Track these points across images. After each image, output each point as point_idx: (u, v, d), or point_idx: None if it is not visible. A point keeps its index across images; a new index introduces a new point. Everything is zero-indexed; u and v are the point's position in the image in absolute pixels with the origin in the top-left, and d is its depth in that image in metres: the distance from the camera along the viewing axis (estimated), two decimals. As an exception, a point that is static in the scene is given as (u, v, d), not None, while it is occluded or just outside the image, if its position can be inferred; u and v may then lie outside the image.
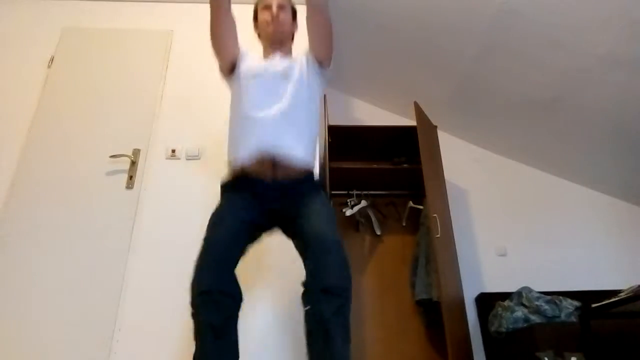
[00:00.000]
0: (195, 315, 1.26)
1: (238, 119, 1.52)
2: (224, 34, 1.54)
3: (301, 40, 1.68)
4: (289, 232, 1.47)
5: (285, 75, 1.54)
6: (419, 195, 2.94)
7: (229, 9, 1.51)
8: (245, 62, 1.60)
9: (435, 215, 2.45)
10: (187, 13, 2.68)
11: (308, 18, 1.52)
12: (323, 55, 1.58)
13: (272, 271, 1.99)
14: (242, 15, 1.67)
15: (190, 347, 1.21)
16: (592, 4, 2.12)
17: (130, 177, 2.17)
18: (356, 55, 3.12)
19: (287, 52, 1.66)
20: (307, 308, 1.21)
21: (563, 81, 2.59)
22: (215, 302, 1.23)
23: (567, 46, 2.38)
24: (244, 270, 1.37)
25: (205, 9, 2.68)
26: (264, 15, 1.62)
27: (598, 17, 2.16)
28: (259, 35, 1.70)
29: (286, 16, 1.63)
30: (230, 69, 1.60)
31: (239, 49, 1.61)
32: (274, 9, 1.59)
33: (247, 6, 1.80)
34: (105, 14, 2.67)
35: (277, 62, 1.59)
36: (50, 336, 1.85)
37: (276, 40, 1.63)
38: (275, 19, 1.58)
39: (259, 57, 1.66)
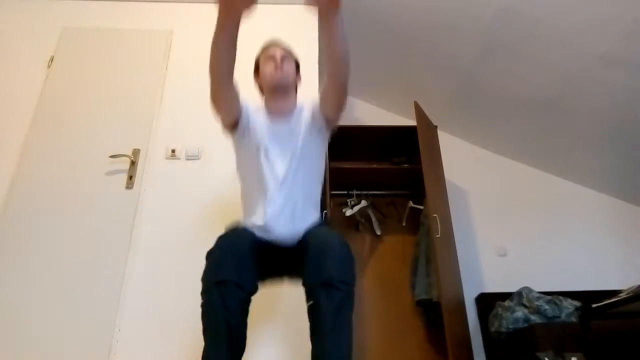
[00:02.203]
0: (205, 304, 1.24)
1: (249, 183, 1.51)
2: (225, 101, 1.46)
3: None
4: (295, 268, 1.42)
5: (292, 137, 1.50)
6: (419, 195, 2.94)
7: (231, 79, 1.42)
8: (249, 122, 1.51)
9: (435, 215, 2.44)
10: (187, 13, 2.68)
11: (328, 91, 1.47)
12: (336, 118, 1.54)
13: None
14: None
15: (190, 346, 1.21)
16: (592, 4, 2.12)
17: (130, 177, 2.17)
18: (356, 55, 3.10)
19: (292, 105, 1.58)
20: (310, 303, 1.21)
21: (563, 81, 2.59)
22: (229, 293, 1.21)
23: (567, 46, 2.38)
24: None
25: (205, 9, 2.71)
26: (266, 67, 1.55)
27: (598, 17, 2.16)
28: (261, 89, 1.62)
29: (290, 67, 1.57)
30: (232, 126, 1.52)
31: (241, 107, 1.50)
32: (278, 59, 1.54)
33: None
34: (105, 14, 2.66)
35: (283, 129, 1.52)
36: (50, 336, 1.85)
37: (280, 91, 1.54)
38: (279, 69, 1.52)
39: (263, 114, 1.56)
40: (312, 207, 1.52)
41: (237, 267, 1.25)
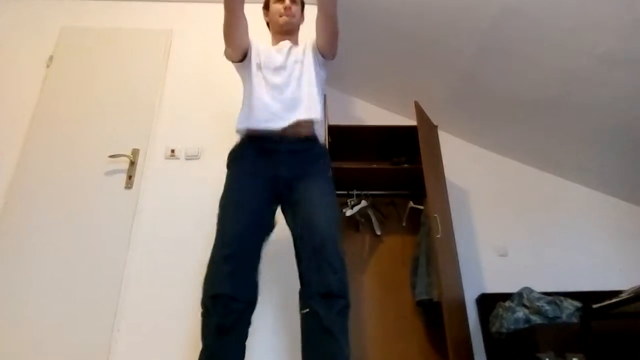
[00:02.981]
0: (204, 315, 1.31)
1: (252, 98, 1.65)
2: (236, 31, 1.66)
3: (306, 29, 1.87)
4: (287, 211, 1.54)
5: (291, 59, 1.71)
6: (419, 195, 2.93)
7: (242, 10, 1.63)
8: (255, 51, 1.74)
9: (435, 215, 2.44)
10: (187, 13, 2.68)
11: (318, 22, 1.67)
12: (328, 52, 1.73)
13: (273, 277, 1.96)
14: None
15: (190, 346, 1.21)
16: (592, 3, 2.12)
17: (130, 177, 2.17)
18: (356, 54, 3.12)
19: (294, 41, 1.82)
20: (305, 311, 1.22)
21: (563, 81, 2.58)
22: (225, 306, 1.27)
23: (567, 46, 2.37)
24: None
25: (205, 9, 2.71)
26: (276, 6, 1.78)
27: (598, 17, 2.16)
28: (269, 24, 1.86)
29: (297, 9, 1.80)
30: (241, 58, 1.73)
31: (249, 41, 1.74)
32: (287, 1, 1.76)
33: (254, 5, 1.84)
34: (105, 14, 2.66)
35: (286, 48, 1.75)
36: (50, 336, 1.84)
37: (285, 30, 1.79)
38: (287, 10, 1.75)
39: (267, 45, 1.81)
40: (312, 104, 1.64)
41: (232, 280, 1.31)
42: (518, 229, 3.09)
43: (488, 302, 2.73)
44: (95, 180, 2.16)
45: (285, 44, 1.77)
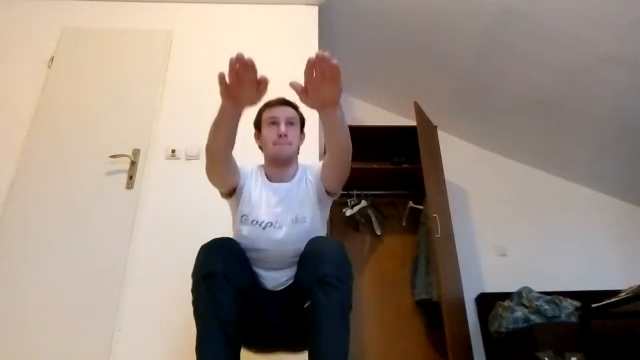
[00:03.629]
0: (195, 301, 1.22)
1: (244, 244, 1.41)
2: (221, 177, 1.42)
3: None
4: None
5: (288, 214, 1.42)
6: (419, 195, 2.94)
7: (230, 157, 1.37)
8: (245, 190, 1.46)
9: (435, 215, 2.44)
10: (187, 13, 2.68)
11: (330, 167, 1.40)
12: (338, 189, 1.48)
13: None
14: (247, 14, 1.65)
15: (191, 346, 1.20)
16: (592, 3, 2.12)
17: (130, 177, 2.17)
18: (356, 55, 3.12)
19: (292, 171, 1.50)
20: (307, 304, 1.20)
21: (563, 81, 2.59)
22: (218, 285, 1.20)
23: (567, 46, 2.38)
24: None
25: (205, 9, 2.71)
26: (269, 132, 1.44)
27: (598, 17, 2.16)
28: (261, 148, 1.52)
29: (294, 134, 1.46)
30: (229, 194, 1.47)
31: (238, 177, 1.44)
32: (282, 127, 1.42)
33: (252, 6, 1.78)
34: (105, 14, 2.66)
35: (280, 193, 1.45)
36: (50, 336, 1.85)
37: (282, 161, 1.46)
38: (282, 139, 1.42)
39: (261, 178, 1.50)
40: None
41: (224, 260, 1.24)
42: (517, 228, 3.10)
43: (487, 302, 2.74)
44: (96, 180, 2.16)
45: (281, 186, 1.46)
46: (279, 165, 1.47)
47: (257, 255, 1.39)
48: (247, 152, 1.50)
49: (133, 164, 2.19)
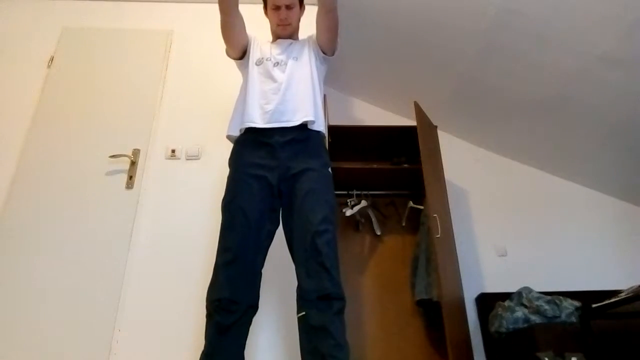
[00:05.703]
0: (207, 317, 1.36)
1: (246, 97, 1.67)
2: (232, 31, 1.70)
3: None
4: (284, 206, 1.55)
5: (290, 56, 1.73)
6: (419, 195, 2.94)
7: (236, 11, 1.67)
8: (254, 47, 1.78)
9: (435, 215, 2.44)
10: (187, 13, 2.68)
11: (319, 18, 1.69)
12: (329, 47, 1.75)
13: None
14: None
15: (191, 346, 1.22)
16: (592, 4, 2.12)
17: (130, 177, 2.17)
18: (356, 55, 3.12)
19: (294, 38, 1.85)
20: (301, 314, 1.23)
21: (563, 81, 2.59)
22: (225, 308, 1.32)
23: (567, 46, 2.38)
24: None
25: (205, 9, 2.71)
26: (273, 16, 1.78)
27: (598, 17, 2.16)
28: (269, 21, 1.85)
29: (294, 13, 1.78)
30: (240, 55, 1.77)
31: (247, 38, 1.78)
32: (283, 13, 1.74)
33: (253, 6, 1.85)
34: (105, 14, 2.67)
35: (284, 44, 1.78)
36: (50, 336, 1.85)
37: (284, 37, 1.82)
38: (283, 21, 1.76)
39: (267, 42, 1.85)
40: (312, 101, 1.64)
41: (232, 285, 1.36)
42: (517, 228, 3.09)
43: (487, 302, 2.73)
44: (96, 180, 2.16)
45: (285, 41, 1.81)
46: (283, 38, 1.81)
47: (269, 87, 1.64)
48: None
49: (133, 164, 2.19)
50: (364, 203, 2.99)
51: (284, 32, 1.80)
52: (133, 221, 2.09)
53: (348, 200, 3.00)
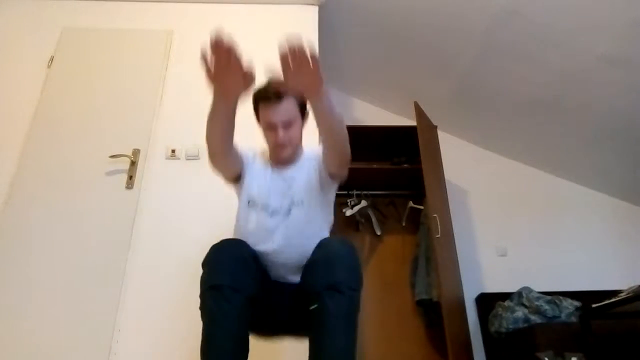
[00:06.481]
0: (202, 311, 1.22)
1: (247, 230, 1.41)
2: (224, 165, 1.42)
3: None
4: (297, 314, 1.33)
5: (294, 188, 1.42)
6: (419, 195, 2.94)
7: (230, 145, 1.37)
8: (248, 174, 1.46)
9: (435, 215, 2.44)
10: (187, 13, 2.68)
11: (327, 146, 1.36)
12: (341, 175, 1.47)
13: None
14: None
15: (191, 346, 1.20)
16: (592, 4, 2.12)
17: (130, 177, 2.17)
18: (356, 55, 3.12)
19: (296, 158, 1.49)
20: (313, 307, 1.18)
21: (563, 81, 2.59)
22: (224, 298, 1.18)
23: (567, 46, 2.38)
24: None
25: (205, 9, 2.71)
26: (268, 136, 1.42)
27: (598, 17, 2.16)
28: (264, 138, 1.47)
29: (295, 131, 1.42)
30: (235, 180, 1.48)
31: (242, 163, 1.45)
32: (280, 134, 1.37)
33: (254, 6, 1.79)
34: (105, 14, 2.66)
35: (285, 178, 1.45)
36: (50, 336, 1.85)
37: (284, 160, 1.46)
38: (282, 144, 1.40)
39: (265, 164, 1.49)
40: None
41: (233, 270, 1.22)
42: (517, 229, 3.10)
43: (487, 302, 2.74)
44: (96, 180, 2.16)
45: (285, 171, 1.45)
46: (282, 161, 1.47)
47: (264, 247, 1.35)
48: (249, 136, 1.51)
49: (133, 164, 2.19)
50: (364, 203, 2.99)
51: (284, 153, 1.42)
52: (133, 221, 2.09)
53: (348, 200, 3.00)
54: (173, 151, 2.28)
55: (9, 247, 2.02)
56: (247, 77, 1.10)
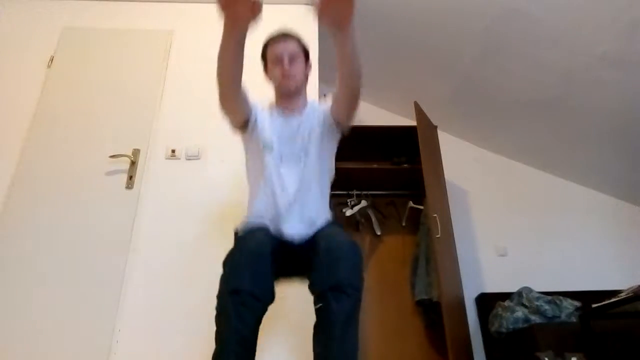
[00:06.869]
0: (219, 314, 1.22)
1: (258, 182, 1.48)
2: (233, 105, 1.46)
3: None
4: (305, 267, 1.39)
5: (301, 135, 1.50)
6: (419, 195, 2.94)
7: (240, 83, 1.42)
8: (258, 120, 1.51)
9: (435, 215, 2.44)
10: (187, 13, 2.68)
11: (340, 92, 1.44)
12: (347, 123, 1.54)
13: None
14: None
15: (190, 347, 1.20)
16: (592, 3, 2.12)
17: (130, 177, 2.17)
18: (356, 55, 3.11)
19: (302, 103, 1.58)
20: (318, 306, 1.20)
21: (563, 81, 2.59)
22: (243, 303, 1.18)
23: (567, 46, 2.38)
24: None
25: (205, 9, 2.71)
26: (275, 70, 1.51)
27: (598, 17, 2.16)
28: (270, 80, 1.59)
29: (299, 66, 1.52)
30: (242, 126, 1.52)
31: (250, 108, 1.50)
32: (286, 64, 1.48)
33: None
34: (105, 14, 2.67)
35: (292, 125, 1.52)
36: (50, 336, 1.85)
37: (290, 93, 1.54)
38: (287, 75, 1.49)
39: (273, 111, 1.56)
40: (321, 203, 1.50)
41: (254, 276, 1.22)
42: (518, 229, 3.10)
43: (487, 302, 2.74)
44: (96, 180, 2.16)
45: (292, 119, 1.53)
46: (288, 96, 1.55)
47: (278, 192, 1.43)
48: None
49: (133, 164, 2.19)
50: (364, 203, 2.99)
51: (290, 85, 1.51)
52: (133, 221, 2.09)
53: (348, 200, 3.00)
54: (173, 151, 2.28)
55: (9, 247, 2.02)
56: (256, 6, 1.16)
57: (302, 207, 1.44)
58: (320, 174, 1.51)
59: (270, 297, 1.26)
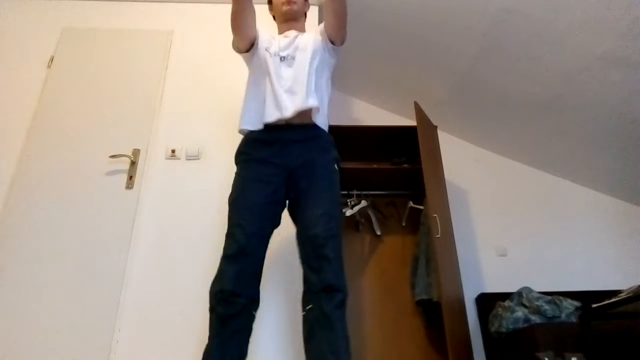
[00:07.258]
0: (210, 310, 1.37)
1: (256, 89, 1.69)
2: (243, 21, 1.69)
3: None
4: (291, 202, 1.58)
5: (297, 47, 1.73)
6: (419, 195, 2.94)
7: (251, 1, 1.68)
8: (262, 39, 1.76)
9: (435, 215, 2.44)
10: (187, 13, 2.68)
11: (326, 5, 1.70)
12: (337, 37, 1.76)
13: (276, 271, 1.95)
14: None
15: (191, 346, 1.21)
16: (592, 3, 2.12)
17: (130, 177, 2.17)
18: (356, 55, 3.12)
19: (300, 28, 1.86)
20: (308, 308, 1.25)
21: (563, 81, 2.58)
22: (227, 300, 1.34)
23: (567, 46, 2.38)
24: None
25: (205, 9, 2.71)
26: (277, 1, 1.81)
27: (598, 17, 2.16)
28: (274, 17, 1.92)
29: None
30: (248, 47, 1.74)
31: (256, 30, 1.76)
32: None
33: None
34: (105, 14, 2.67)
35: (292, 36, 1.78)
36: (50, 336, 1.85)
37: (290, 18, 1.83)
38: (288, 1, 1.78)
39: (274, 34, 1.85)
40: (318, 100, 1.64)
41: (236, 276, 1.38)
42: (518, 228, 3.09)
43: (487, 302, 2.73)
44: (95, 180, 2.16)
45: (291, 32, 1.81)
46: (289, 20, 1.84)
47: (277, 90, 1.63)
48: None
49: (133, 164, 2.20)
50: (364, 203, 2.99)
51: (290, 12, 1.81)
52: (133, 221, 2.09)
53: (348, 200, 3.00)
54: (173, 151, 2.28)
55: (9, 247, 2.02)
56: None
57: (296, 93, 1.62)
58: (317, 77, 1.69)
59: (254, 291, 1.43)
